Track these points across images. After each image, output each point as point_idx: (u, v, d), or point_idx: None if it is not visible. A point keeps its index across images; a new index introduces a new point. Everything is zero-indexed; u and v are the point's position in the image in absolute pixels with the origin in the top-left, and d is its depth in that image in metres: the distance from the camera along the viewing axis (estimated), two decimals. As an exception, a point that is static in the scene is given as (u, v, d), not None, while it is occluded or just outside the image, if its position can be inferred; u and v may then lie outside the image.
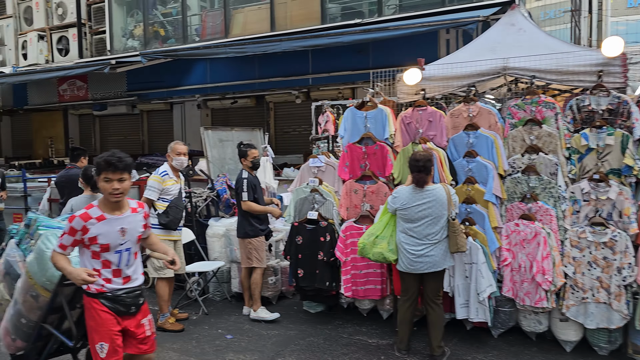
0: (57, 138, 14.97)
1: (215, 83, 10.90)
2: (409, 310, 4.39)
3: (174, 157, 5.18)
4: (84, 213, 3.08)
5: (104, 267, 3.13)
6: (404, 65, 5.72)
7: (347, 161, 5.22)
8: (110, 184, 3.06)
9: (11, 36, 13.45)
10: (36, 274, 3.46)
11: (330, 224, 5.14)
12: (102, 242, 3.09)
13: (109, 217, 3.11)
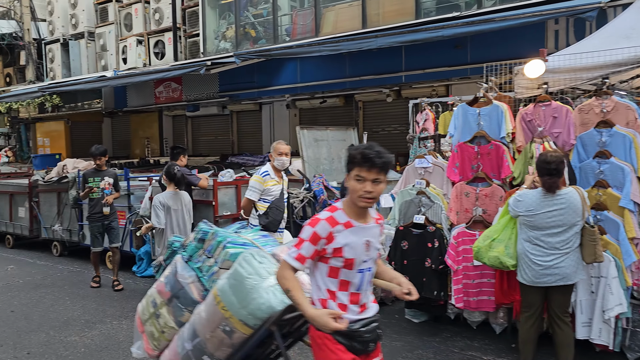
0: (153, 138, 15.64)
1: (305, 83, 10.81)
2: (533, 328, 3.96)
3: (276, 157, 5.06)
4: (330, 217, 2.42)
5: (340, 288, 2.45)
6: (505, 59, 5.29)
7: (457, 161, 4.86)
8: (362, 184, 2.38)
9: (112, 42, 14.16)
10: (233, 305, 2.76)
11: (438, 229, 4.80)
12: (348, 255, 2.41)
13: (357, 224, 2.44)
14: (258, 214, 4.94)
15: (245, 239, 3.12)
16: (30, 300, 6.37)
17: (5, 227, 9.83)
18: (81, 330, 5.30)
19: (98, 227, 6.79)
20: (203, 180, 6.33)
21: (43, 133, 16.68)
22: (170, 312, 3.12)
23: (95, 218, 6.76)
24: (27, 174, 11.08)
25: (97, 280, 6.91)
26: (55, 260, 8.63)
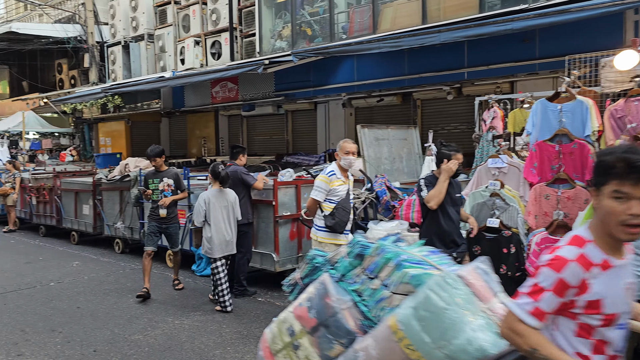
0: (209, 138, 15.85)
1: (361, 81, 10.60)
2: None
3: (342, 156, 4.88)
4: (581, 256, 1.76)
5: (595, 351, 1.82)
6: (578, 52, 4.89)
7: (536, 161, 4.52)
8: (626, 205, 1.71)
9: (171, 43, 14.41)
10: (424, 343, 2.15)
11: (515, 233, 4.49)
12: (609, 309, 1.77)
13: (616, 263, 1.80)
14: (323, 215, 4.78)
15: (416, 256, 2.50)
16: (95, 296, 6.48)
17: (70, 224, 10.14)
18: (144, 328, 5.31)
19: (154, 226, 6.57)
20: (259, 182, 6.24)
21: (104, 133, 17.24)
22: (315, 343, 2.54)
23: (154, 218, 6.59)
24: (91, 172, 11.41)
25: (144, 293, 6.20)
26: (117, 257, 8.81)
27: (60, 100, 15.22)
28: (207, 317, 5.62)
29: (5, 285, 7.05)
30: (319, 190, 4.80)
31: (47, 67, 20.33)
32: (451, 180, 4.35)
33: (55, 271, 7.84)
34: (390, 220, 6.13)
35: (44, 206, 10.84)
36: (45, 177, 10.94)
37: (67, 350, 4.79)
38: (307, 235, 6.72)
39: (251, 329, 5.23)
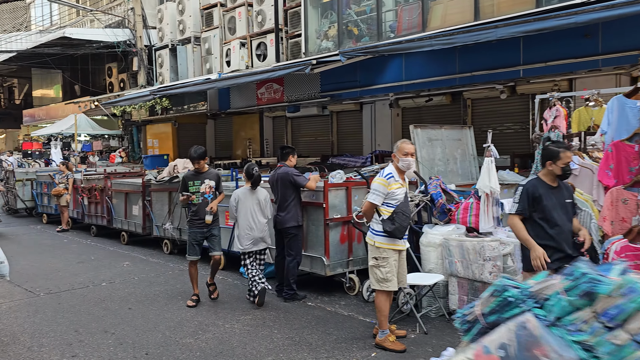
0: (254, 139, 15.89)
1: (410, 80, 10.32)
2: None
3: (401, 158, 4.66)
4: None
5: None
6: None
7: (612, 163, 4.19)
8: None
9: (217, 45, 14.52)
10: None
11: (588, 240, 4.15)
12: None
13: None
14: (382, 219, 4.58)
15: None
16: (146, 297, 6.49)
17: (120, 225, 10.30)
18: (195, 332, 5.24)
19: (197, 234, 6.20)
20: (311, 182, 6.10)
21: (152, 135, 17.54)
22: None
23: (196, 224, 6.16)
24: (140, 173, 11.57)
25: (194, 300, 6.13)
26: (166, 258, 8.85)
27: (110, 102, 15.58)
28: (257, 322, 5.51)
29: (59, 284, 7.17)
30: (377, 193, 4.59)
31: (97, 71, 20.93)
32: (560, 183, 4.02)
33: (107, 271, 7.94)
34: (445, 224, 5.88)
35: (95, 206, 11.07)
36: (97, 178, 11.16)
37: (119, 352, 4.77)
38: (357, 238, 6.54)
39: (303, 335, 5.08)
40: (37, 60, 20.21)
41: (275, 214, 6.22)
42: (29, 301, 6.42)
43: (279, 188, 6.13)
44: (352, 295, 6.40)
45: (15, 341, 5.09)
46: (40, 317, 5.78)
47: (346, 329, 5.26)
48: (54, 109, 22.15)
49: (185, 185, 6.22)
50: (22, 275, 7.71)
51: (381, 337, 4.68)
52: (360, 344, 4.82)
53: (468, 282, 5.22)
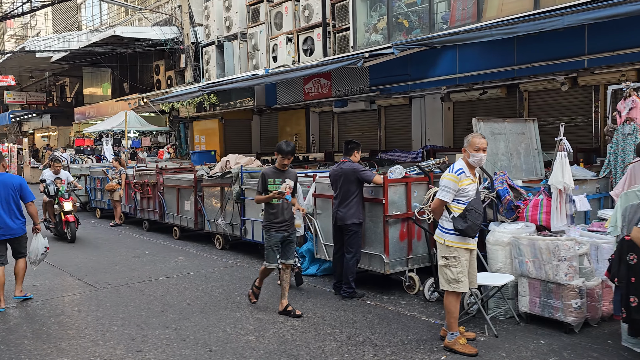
0: (299, 135, 15.82)
1: (464, 73, 9.98)
2: None
3: (472, 153, 4.44)
4: None
5: None
6: None
7: None
8: None
9: (263, 41, 14.49)
10: None
11: (682, 241, 3.83)
12: None
13: None
14: (452, 217, 4.38)
15: None
16: (203, 293, 6.48)
17: (172, 220, 10.41)
18: (255, 329, 5.18)
19: (277, 238, 5.58)
20: (377, 177, 5.93)
21: (199, 131, 17.74)
22: None
23: (276, 227, 5.56)
24: (190, 169, 11.67)
25: (256, 293, 5.87)
26: (218, 253, 8.87)
27: (159, 99, 15.80)
28: (317, 320, 5.40)
29: (117, 278, 7.27)
30: (447, 190, 4.39)
31: (145, 68, 21.31)
32: None
33: (162, 266, 8.00)
34: (513, 222, 5.61)
35: (148, 202, 11.23)
36: (149, 173, 11.31)
37: (183, 348, 4.74)
38: (417, 236, 6.34)
39: (367, 335, 4.93)
40: (88, 59, 20.77)
41: (336, 210, 6.08)
42: (90, 295, 6.52)
43: (342, 183, 6.00)
44: (411, 294, 6.21)
45: (80, 334, 5.15)
46: (102, 311, 5.84)
47: (410, 329, 5.08)
48: (104, 106, 22.72)
49: (264, 183, 5.61)
50: (81, 269, 7.86)
51: (451, 339, 4.48)
52: (427, 346, 4.64)
53: (540, 283, 4.95)
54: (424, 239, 6.39)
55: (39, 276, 7.45)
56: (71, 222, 10.05)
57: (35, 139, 32.84)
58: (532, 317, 5.10)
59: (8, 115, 28.87)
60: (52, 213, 10.48)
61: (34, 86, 31.38)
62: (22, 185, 6.19)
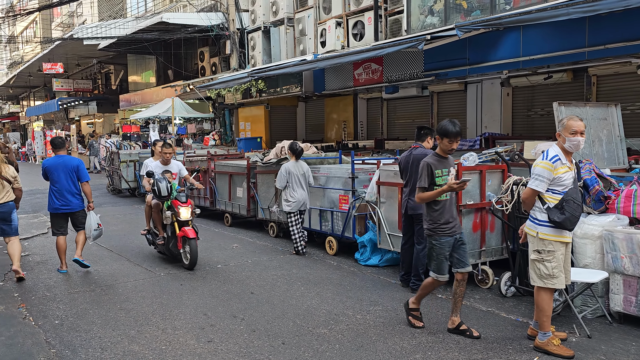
0: (347, 122, 15.52)
1: (528, 56, 9.43)
2: None
3: (568, 137, 4.07)
4: None
5: None
6: None
7: None
8: None
9: (311, 26, 14.22)
10: None
11: None
12: None
13: None
14: (546, 208, 4.03)
15: None
16: (265, 282, 6.31)
17: (224, 206, 10.32)
18: (326, 322, 4.96)
19: (450, 243, 4.49)
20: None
21: (244, 117, 17.66)
22: None
23: (446, 230, 4.46)
24: (241, 155, 11.56)
25: (418, 316, 4.81)
26: (273, 241, 8.71)
27: (206, 86, 15.75)
28: (389, 314, 5.15)
29: (176, 265, 7.18)
30: (541, 179, 4.04)
31: (189, 55, 21.34)
32: None
33: (218, 253, 7.89)
34: (601, 214, 5.20)
35: (198, 188, 11.15)
36: (200, 160, 11.24)
37: (254, 340, 4.57)
38: (491, 227, 6.00)
39: (446, 332, 4.65)
40: (133, 46, 20.93)
41: (407, 198, 5.79)
42: (151, 281, 6.45)
43: (414, 170, 5.69)
44: (484, 288, 5.89)
45: (147, 322, 5.05)
46: (166, 298, 5.74)
47: (492, 326, 4.78)
48: (149, 93, 22.92)
49: (431, 176, 4.47)
50: (139, 255, 7.83)
51: (543, 339, 4.15)
52: (515, 346, 4.33)
53: (638, 280, 4.56)
54: (497, 231, 6.05)
55: (99, 261, 7.45)
56: (191, 238, 6.72)
57: (81, 126, 33.58)
58: (626, 317, 4.72)
59: (56, 102, 29.55)
60: (161, 222, 7.30)
61: (79, 74, 32.02)
62: (80, 166, 6.97)
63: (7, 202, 6.39)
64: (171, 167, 7.61)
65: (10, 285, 6.33)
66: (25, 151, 34.26)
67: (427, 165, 4.53)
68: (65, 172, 6.77)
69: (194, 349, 4.42)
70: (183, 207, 6.86)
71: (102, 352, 4.38)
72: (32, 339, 4.65)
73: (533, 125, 11.27)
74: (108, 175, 16.17)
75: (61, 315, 5.25)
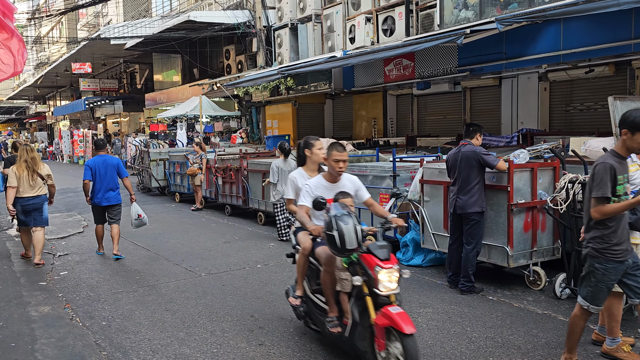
0: (377, 119, 15.34)
1: (569, 49, 9.14)
2: None
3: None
4: None
5: None
6: None
7: None
8: None
9: (340, 22, 14.06)
10: None
11: None
12: None
13: None
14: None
15: None
16: (307, 282, 6.20)
17: (257, 205, 10.24)
18: (377, 324, 4.82)
19: (620, 270, 3.56)
20: (502, 162, 5.42)
21: (271, 115, 17.58)
22: None
23: (618, 254, 3.52)
24: (272, 153, 11.47)
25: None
26: (309, 240, 8.60)
27: (233, 84, 15.71)
28: (441, 317, 5.00)
29: (215, 265, 7.13)
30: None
31: (214, 53, 21.37)
32: None
33: (256, 252, 7.82)
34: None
35: (230, 186, 11.13)
36: (232, 158, 11.19)
37: (307, 343, 4.47)
38: (542, 226, 5.80)
39: (504, 336, 4.49)
40: (159, 45, 21.02)
41: (455, 197, 5.62)
42: (193, 281, 6.39)
43: (462, 168, 5.53)
44: (536, 290, 5.69)
45: (195, 324, 4.98)
46: (210, 299, 5.67)
47: (551, 330, 4.59)
48: (174, 92, 23.02)
49: (614, 180, 3.43)
50: (177, 254, 7.79)
51: (612, 345, 3.97)
52: (580, 351, 4.13)
53: None
54: (548, 230, 5.84)
55: (138, 261, 7.44)
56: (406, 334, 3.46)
57: (107, 125, 33.97)
58: (696, 321, 4.49)
59: (83, 101, 29.91)
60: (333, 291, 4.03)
61: (105, 73, 32.37)
62: (119, 164, 7.76)
63: (40, 195, 7.24)
64: (344, 185, 4.23)
65: (54, 285, 6.34)
66: (52, 150, 34.82)
67: (610, 168, 3.43)
68: (107, 170, 7.51)
69: (246, 352, 4.33)
70: (385, 269, 3.60)
71: (153, 355, 4.32)
72: (82, 341, 4.61)
73: (572, 120, 10.96)
74: (137, 173, 16.26)
75: (107, 316, 5.22)
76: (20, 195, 7.08)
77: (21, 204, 7.11)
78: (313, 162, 4.65)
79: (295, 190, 4.50)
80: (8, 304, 5.64)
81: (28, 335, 4.73)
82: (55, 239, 9.03)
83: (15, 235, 9.45)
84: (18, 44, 4.59)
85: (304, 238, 4.28)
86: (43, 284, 6.42)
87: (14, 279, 6.62)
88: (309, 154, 4.64)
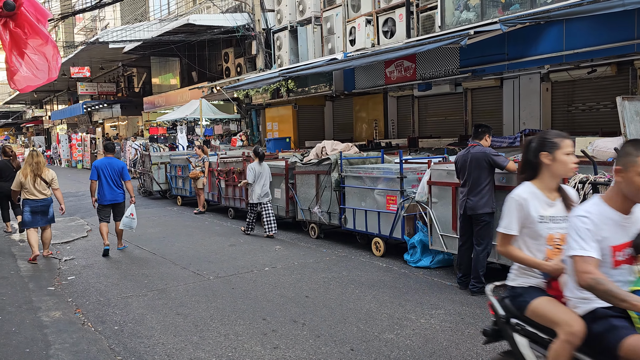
0: (378, 120, 15.36)
1: (572, 50, 9.19)
2: None
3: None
4: None
5: None
6: None
7: None
8: None
9: (339, 24, 14.09)
10: None
11: None
12: None
13: None
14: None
15: None
16: (317, 285, 6.21)
17: (261, 208, 10.22)
18: (391, 327, 4.83)
19: None
20: (512, 163, 5.44)
21: (271, 118, 17.59)
22: None
23: None
24: (275, 156, 11.47)
25: None
26: (315, 242, 8.61)
27: (234, 86, 15.70)
28: (454, 318, 5.01)
29: (223, 268, 7.11)
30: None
31: (213, 56, 21.37)
32: None
33: (262, 255, 7.81)
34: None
35: (233, 189, 11.12)
36: (234, 161, 11.18)
37: (321, 346, 4.46)
38: (551, 227, 5.79)
39: (519, 337, 4.49)
40: (158, 49, 21.00)
41: (465, 198, 5.63)
42: (202, 285, 6.38)
43: (472, 169, 5.54)
44: (546, 290, 5.69)
45: (208, 327, 4.97)
46: (220, 303, 5.66)
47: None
48: (173, 95, 22.99)
49: None
50: (183, 258, 7.78)
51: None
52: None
53: None
54: (557, 231, 5.85)
55: (145, 264, 7.42)
56: None
57: (105, 129, 33.88)
58: None
59: (81, 105, 29.84)
60: None
61: (103, 77, 32.30)
62: (124, 168, 8.19)
63: (46, 197, 7.72)
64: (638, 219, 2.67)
65: (62, 290, 6.32)
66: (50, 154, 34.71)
67: None
68: (112, 172, 8.03)
69: (262, 355, 4.32)
70: None
71: (168, 359, 4.30)
72: (96, 346, 4.60)
73: (574, 120, 11.00)
74: (138, 177, 16.22)
75: (119, 321, 5.20)
76: (29, 197, 7.59)
77: (30, 205, 7.60)
78: (553, 175, 2.81)
79: (522, 220, 2.79)
80: (19, 309, 5.62)
81: (42, 341, 4.71)
82: (59, 244, 8.99)
83: (20, 240, 9.42)
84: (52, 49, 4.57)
85: (566, 314, 2.58)
86: (52, 288, 6.40)
87: (22, 284, 6.60)
88: (547, 161, 2.77)
